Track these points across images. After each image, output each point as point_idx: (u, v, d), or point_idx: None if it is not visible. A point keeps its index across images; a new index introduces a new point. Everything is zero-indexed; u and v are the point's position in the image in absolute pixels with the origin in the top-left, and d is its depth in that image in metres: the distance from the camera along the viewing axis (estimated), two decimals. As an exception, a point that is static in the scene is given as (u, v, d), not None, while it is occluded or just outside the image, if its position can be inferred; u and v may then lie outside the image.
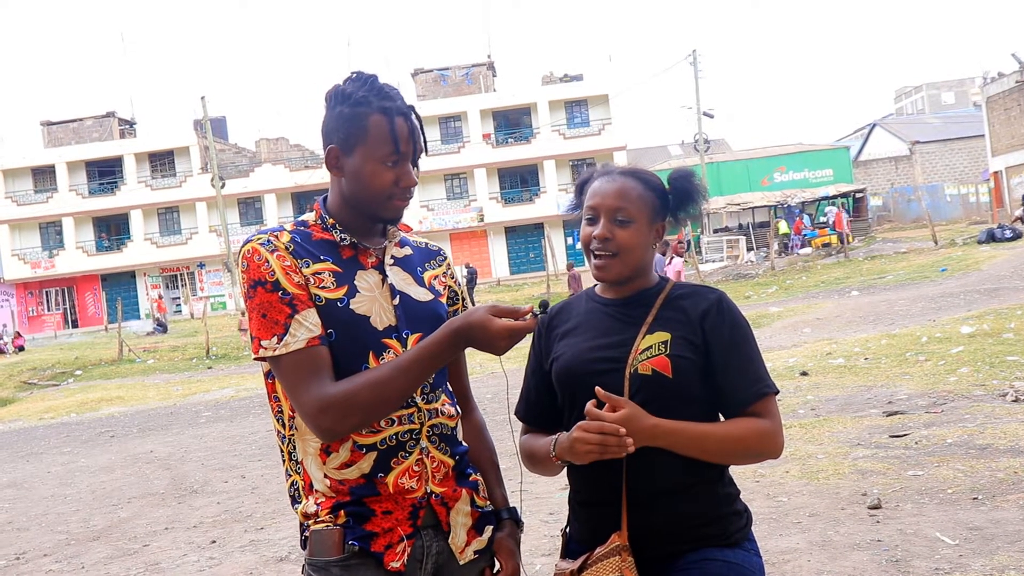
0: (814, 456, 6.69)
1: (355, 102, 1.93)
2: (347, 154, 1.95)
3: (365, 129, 1.92)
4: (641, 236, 2.07)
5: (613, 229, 2.05)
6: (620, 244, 2.05)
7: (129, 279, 49.15)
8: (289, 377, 1.87)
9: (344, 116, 1.94)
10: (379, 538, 1.92)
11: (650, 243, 2.11)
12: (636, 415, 1.91)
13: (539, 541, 5.37)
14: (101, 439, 13.01)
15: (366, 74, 1.97)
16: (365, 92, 1.93)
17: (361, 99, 1.92)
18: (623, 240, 2.05)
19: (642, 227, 2.07)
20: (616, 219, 2.06)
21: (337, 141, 1.96)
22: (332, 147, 1.97)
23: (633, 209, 2.06)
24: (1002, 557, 4.38)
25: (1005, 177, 39.42)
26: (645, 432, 1.92)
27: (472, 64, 51.88)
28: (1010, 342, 10.51)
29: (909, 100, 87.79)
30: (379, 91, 1.94)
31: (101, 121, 52.18)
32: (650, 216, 2.09)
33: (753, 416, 2.01)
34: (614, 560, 1.95)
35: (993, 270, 19.92)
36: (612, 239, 2.05)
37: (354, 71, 1.98)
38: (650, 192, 2.10)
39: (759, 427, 2.00)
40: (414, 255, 2.12)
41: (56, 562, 6.51)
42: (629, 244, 2.05)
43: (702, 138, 41.82)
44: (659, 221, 2.12)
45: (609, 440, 1.88)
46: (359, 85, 1.94)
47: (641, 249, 2.08)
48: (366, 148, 1.93)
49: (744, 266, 32.12)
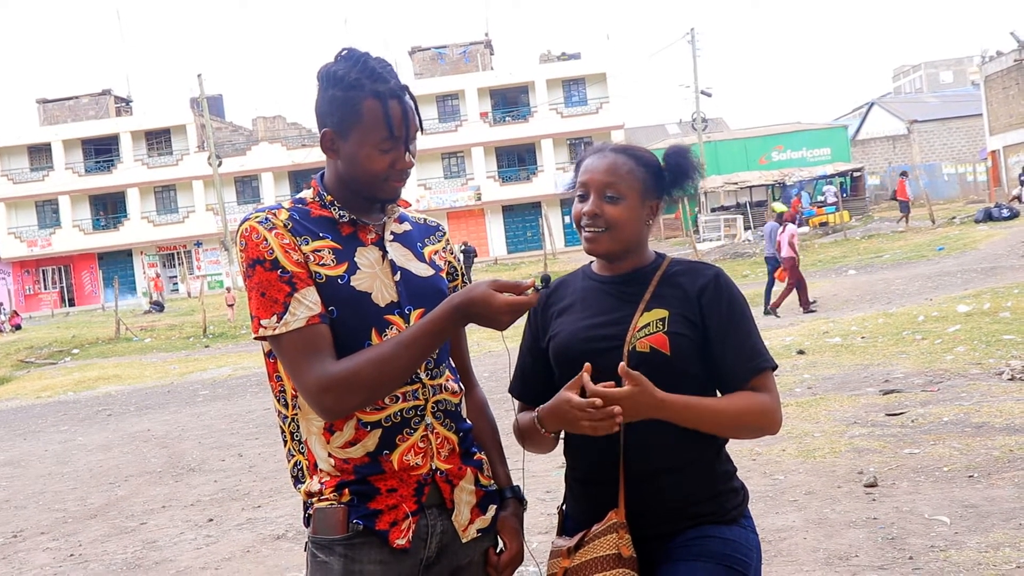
0: (811, 434, 6.70)
1: (348, 85, 1.89)
2: (342, 138, 1.93)
3: (359, 114, 1.89)
4: (631, 212, 2.06)
5: (602, 205, 2.05)
6: (609, 220, 2.04)
7: (126, 258, 49.04)
8: (290, 356, 1.86)
9: (337, 100, 1.91)
10: (384, 515, 1.91)
11: (643, 220, 2.10)
12: (643, 391, 1.90)
13: (536, 519, 5.38)
14: (98, 417, 13.02)
15: (357, 52, 1.93)
16: (357, 74, 1.89)
17: (354, 82, 1.89)
18: (612, 216, 2.04)
19: (633, 203, 2.06)
20: (606, 195, 2.05)
21: (331, 125, 1.93)
22: (327, 130, 1.95)
23: (623, 185, 2.05)
24: (997, 534, 4.40)
25: (1003, 156, 39.37)
26: (652, 407, 1.91)
27: (470, 42, 51.58)
28: (1006, 321, 10.52)
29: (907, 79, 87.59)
30: (371, 72, 1.90)
31: (97, 99, 51.85)
32: (642, 192, 2.08)
33: (752, 391, 2.01)
34: (611, 537, 1.95)
35: (990, 249, 19.92)
36: (601, 215, 2.04)
37: (345, 48, 1.94)
38: (642, 169, 2.09)
39: (760, 401, 2.01)
40: (413, 231, 2.10)
41: (53, 540, 6.53)
42: (618, 220, 2.04)
43: (700, 117, 41.73)
44: (652, 198, 2.10)
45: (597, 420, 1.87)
46: (351, 65, 1.90)
47: (632, 225, 2.07)
48: (361, 133, 1.90)
49: (742, 245, 32.06)
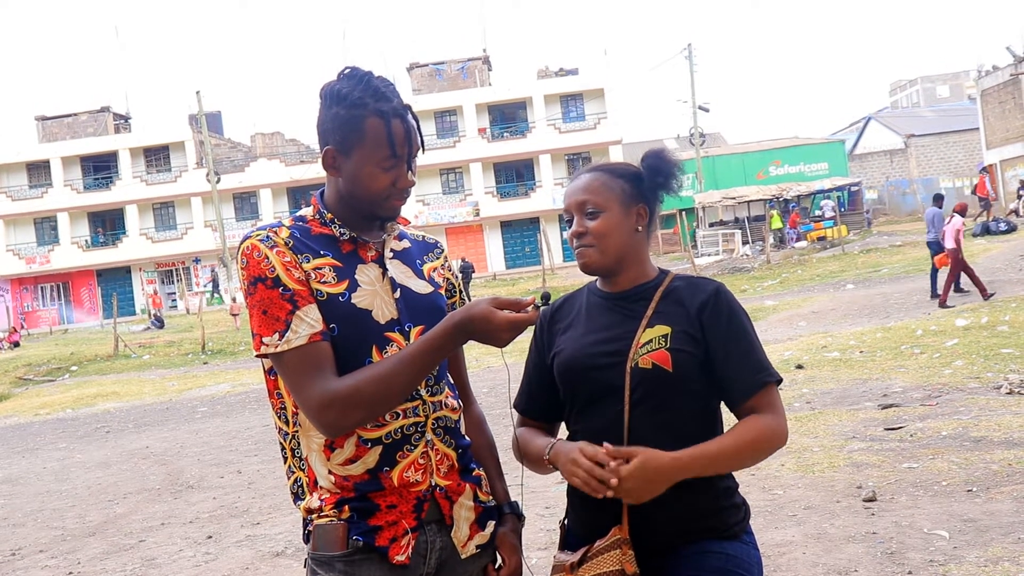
0: (809, 449, 6.70)
1: (351, 104, 1.90)
2: (344, 156, 1.94)
3: (362, 132, 1.90)
4: (614, 222, 2.10)
5: (584, 222, 2.11)
6: (594, 233, 2.10)
7: (124, 274, 49.02)
8: (292, 373, 1.86)
9: (340, 118, 1.92)
10: (383, 532, 1.92)
11: (631, 227, 2.13)
12: (649, 460, 1.92)
13: (536, 535, 5.36)
14: (97, 435, 12.99)
15: (361, 71, 1.94)
16: (361, 93, 1.90)
17: (357, 100, 1.90)
18: (596, 229, 2.10)
19: (614, 213, 2.11)
20: (586, 212, 2.12)
21: (333, 143, 1.94)
22: (329, 148, 1.95)
23: (599, 199, 2.11)
24: (996, 549, 4.40)
25: (1000, 170, 39.48)
26: (664, 471, 1.93)
27: (468, 58, 51.75)
28: (1005, 335, 10.54)
29: (904, 93, 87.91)
30: (375, 91, 1.91)
31: (96, 116, 51.97)
32: (622, 201, 2.12)
33: (755, 410, 2.02)
34: (615, 553, 1.96)
35: (988, 263, 19.92)
36: (586, 232, 2.11)
37: (348, 66, 1.96)
38: (617, 179, 2.14)
39: (765, 425, 2.01)
40: (412, 248, 2.12)
41: (52, 558, 6.51)
42: (602, 232, 2.10)
43: (697, 132, 41.89)
44: (636, 203, 2.14)
45: (594, 484, 1.91)
46: (354, 84, 1.92)
47: (618, 235, 2.11)
48: (363, 152, 1.91)
49: (740, 260, 32.09)
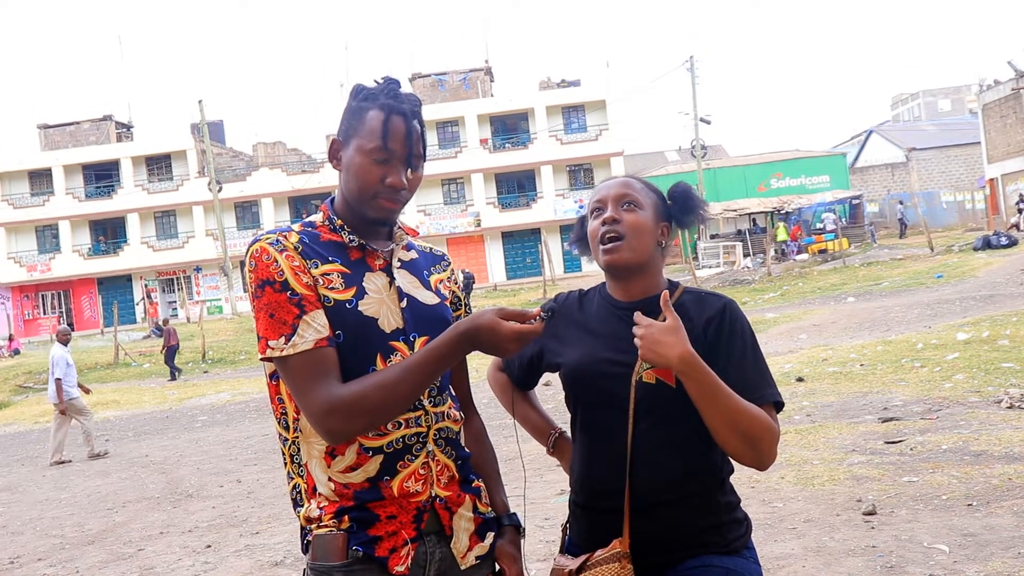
0: (809, 462, 6.70)
1: (364, 97, 1.96)
2: (344, 146, 1.98)
3: (362, 121, 1.94)
4: (648, 223, 2.10)
5: (620, 212, 2.10)
6: (628, 226, 2.08)
7: (125, 283, 49.02)
8: (296, 378, 1.86)
9: (351, 109, 1.98)
10: (383, 542, 1.91)
11: (656, 238, 2.12)
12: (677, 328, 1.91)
13: (535, 546, 5.35)
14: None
15: (392, 78, 1.99)
16: (378, 91, 1.96)
17: (370, 94, 1.95)
18: (631, 222, 2.08)
19: (649, 215, 2.11)
20: (623, 204, 2.11)
21: (340, 133, 1.99)
22: (334, 139, 2.00)
23: (640, 197, 2.12)
24: (996, 563, 4.39)
25: (1001, 184, 39.51)
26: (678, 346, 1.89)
27: (470, 69, 51.87)
28: (1005, 349, 10.53)
29: (905, 107, 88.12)
30: (391, 92, 1.95)
31: (98, 124, 52.06)
32: (656, 209, 2.13)
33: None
34: (614, 566, 1.96)
35: (989, 277, 19.95)
36: (620, 221, 2.08)
37: (384, 76, 2.00)
38: (652, 192, 2.16)
39: (768, 421, 1.97)
40: (420, 259, 2.12)
41: (51, 566, 6.50)
42: (636, 227, 2.08)
43: (699, 144, 41.92)
44: (663, 220, 2.15)
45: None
46: (380, 86, 1.97)
47: (648, 236, 2.10)
48: (358, 141, 1.94)
49: (741, 272, 32.12)
